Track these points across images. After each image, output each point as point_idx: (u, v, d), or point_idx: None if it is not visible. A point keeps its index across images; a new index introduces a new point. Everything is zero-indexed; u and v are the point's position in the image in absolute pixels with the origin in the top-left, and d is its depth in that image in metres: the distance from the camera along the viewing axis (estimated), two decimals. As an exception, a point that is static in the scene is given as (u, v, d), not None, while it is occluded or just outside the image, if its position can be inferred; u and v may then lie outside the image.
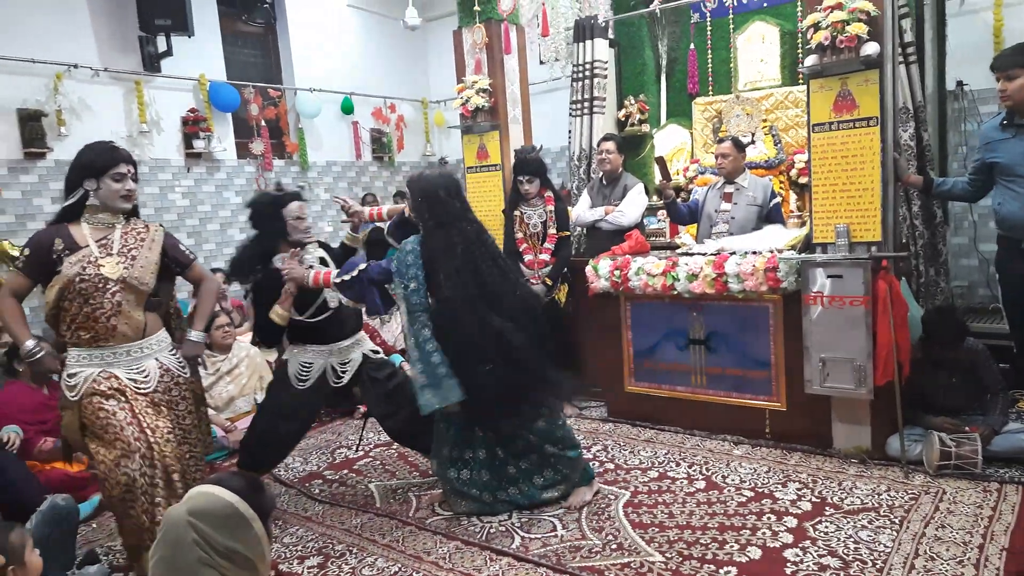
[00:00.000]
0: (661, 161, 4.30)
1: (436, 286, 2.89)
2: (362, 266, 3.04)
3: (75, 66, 5.06)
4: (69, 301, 2.55)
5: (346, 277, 3.02)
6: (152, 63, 5.49)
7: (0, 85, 4.75)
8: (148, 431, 2.56)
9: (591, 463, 3.46)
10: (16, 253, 4.75)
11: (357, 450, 4.09)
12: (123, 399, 2.57)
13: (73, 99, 5.11)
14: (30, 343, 2.58)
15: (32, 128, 4.85)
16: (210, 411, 4.26)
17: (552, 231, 4.25)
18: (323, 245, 3.45)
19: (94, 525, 3.31)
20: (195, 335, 2.84)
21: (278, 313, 3.11)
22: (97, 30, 5.27)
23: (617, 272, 4.02)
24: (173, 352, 2.79)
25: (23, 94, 4.86)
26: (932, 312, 3.60)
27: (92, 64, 5.19)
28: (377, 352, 3.43)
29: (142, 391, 2.63)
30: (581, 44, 5.57)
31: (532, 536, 2.90)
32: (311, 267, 3.16)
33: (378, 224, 3.65)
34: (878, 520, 2.80)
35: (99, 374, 2.57)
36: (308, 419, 3.38)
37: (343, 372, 3.27)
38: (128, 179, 2.67)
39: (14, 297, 2.59)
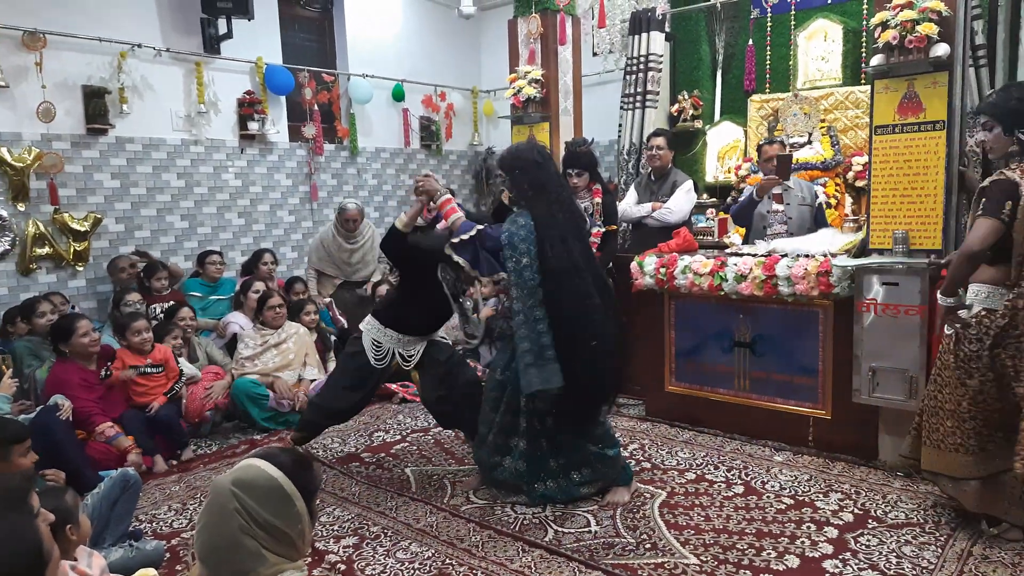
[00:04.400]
0: (787, 159, 4.07)
1: (544, 257, 2.81)
2: (480, 227, 2.96)
3: (139, 45, 5.19)
4: None
5: (464, 236, 2.94)
6: (212, 45, 5.59)
7: (67, 62, 4.89)
8: None
9: (627, 461, 3.43)
10: (77, 227, 4.91)
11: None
12: None
13: (136, 77, 5.24)
14: None
15: (96, 104, 4.99)
16: (275, 370, 4.39)
17: (598, 225, 4.21)
18: None
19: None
20: None
21: (401, 220, 3.19)
22: (160, 11, 5.38)
23: (663, 269, 3.97)
24: None
25: (88, 71, 4.99)
26: None
27: (155, 44, 5.31)
28: (444, 336, 3.54)
29: None
30: (637, 37, 5.51)
31: (565, 530, 2.89)
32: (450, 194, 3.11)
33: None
34: (923, 536, 2.72)
35: None
36: (372, 391, 3.57)
37: (410, 356, 3.41)
38: None
39: None
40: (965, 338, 2.62)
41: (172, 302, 4.78)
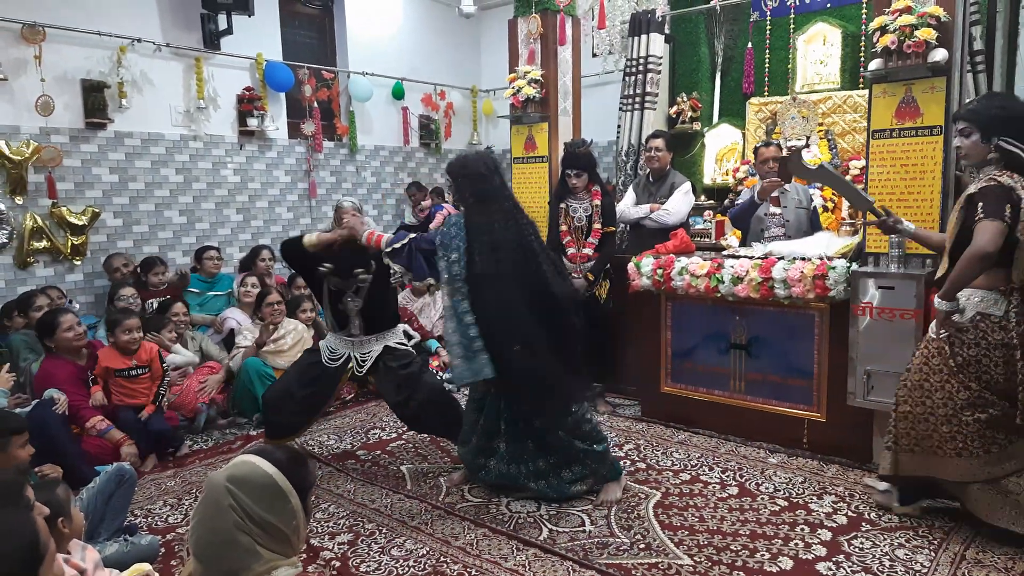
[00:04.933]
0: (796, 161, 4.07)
1: (471, 261, 2.91)
2: (412, 235, 3.14)
3: (138, 40, 5.18)
4: None
5: (396, 245, 3.13)
6: (212, 40, 5.59)
7: (67, 56, 4.88)
8: None
9: (622, 461, 3.44)
10: (75, 221, 4.90)
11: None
12: None
13: (135, 72, 5.23)
14: None
15: (95, 99, 4.98)
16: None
17: (597, 226, 4.21)
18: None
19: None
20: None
21: (311, 240, 3.36)
22: (160, 6, 5.38)
23: (660, 271, 3.98)
24: None
25: (88, 65, 4.99)
26: None
27: (155, 39, 5.31)
28: (403, 344, 3.57)
29: None
30: (636, 38, 5.51)
31: (560, 529, 2.90)
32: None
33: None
34: (916, 539, 2.73)
35: None
36: (325, 391, 3.56)
37: (363, 361, 3.45)
38: None
39: None
40: (962, 343, 2.62)
41: (167, 297, 4.78)
